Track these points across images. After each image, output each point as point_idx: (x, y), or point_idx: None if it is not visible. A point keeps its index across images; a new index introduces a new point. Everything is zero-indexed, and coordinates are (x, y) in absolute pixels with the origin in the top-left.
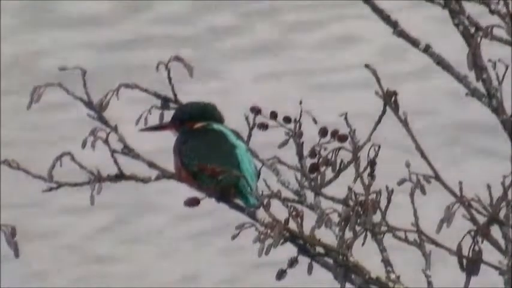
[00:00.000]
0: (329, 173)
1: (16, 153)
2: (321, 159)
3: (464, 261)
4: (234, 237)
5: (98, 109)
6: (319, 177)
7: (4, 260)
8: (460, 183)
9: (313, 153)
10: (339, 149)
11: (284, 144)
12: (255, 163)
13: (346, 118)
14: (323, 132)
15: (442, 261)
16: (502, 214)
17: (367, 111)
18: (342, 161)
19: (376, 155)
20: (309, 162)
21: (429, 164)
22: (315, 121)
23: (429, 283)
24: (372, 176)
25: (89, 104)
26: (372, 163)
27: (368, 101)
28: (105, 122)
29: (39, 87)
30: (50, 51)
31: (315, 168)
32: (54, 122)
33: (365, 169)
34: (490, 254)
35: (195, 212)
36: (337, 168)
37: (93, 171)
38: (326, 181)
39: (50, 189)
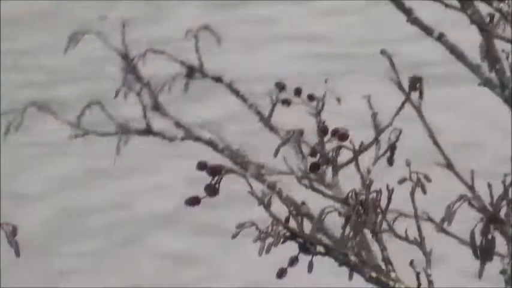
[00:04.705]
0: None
1: None
2: (321, 159)
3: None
4: (234, 236)
5: (135, 62)
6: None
7: None
8: (472, 172)
9: (313, 153)
10: (340, 148)
11: (285, 143)
12: None
13: (369, 101)
14: (323, 131)
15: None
16: (502, 213)
17: None
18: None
19: (397, 139)
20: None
21: (441, 151)
22: (339, 101)
23: (430, 282)
24: (391, 161)
25: (125, 56)
26: (392, 147)
27: None
28: (138, 77)
29: (77, 34)
30: None
31: (315, 167)
32: None
33: (385, 152)
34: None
35: None
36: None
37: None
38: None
39: (76, 136)
